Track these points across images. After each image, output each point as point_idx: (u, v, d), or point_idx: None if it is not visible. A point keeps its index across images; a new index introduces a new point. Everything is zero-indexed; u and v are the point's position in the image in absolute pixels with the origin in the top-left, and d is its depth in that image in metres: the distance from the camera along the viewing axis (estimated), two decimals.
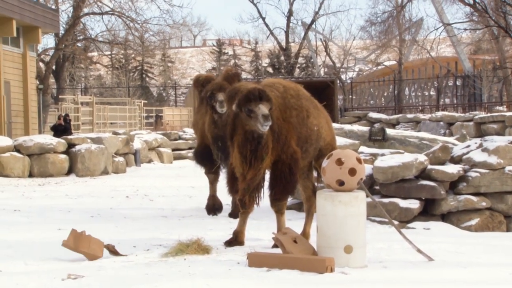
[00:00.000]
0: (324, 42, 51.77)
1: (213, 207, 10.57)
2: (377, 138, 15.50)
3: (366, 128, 16.44)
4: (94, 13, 37.64)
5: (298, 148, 7.48)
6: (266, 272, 6.03)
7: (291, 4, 54.92)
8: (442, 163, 10.00)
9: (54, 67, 38.08)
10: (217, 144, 10.08)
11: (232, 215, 10.13)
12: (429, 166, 9.67)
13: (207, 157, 10.49)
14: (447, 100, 44.49)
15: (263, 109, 6.97)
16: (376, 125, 16.28)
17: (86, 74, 63.49)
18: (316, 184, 8.28)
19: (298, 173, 7.53)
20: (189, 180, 16.64)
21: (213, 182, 10.75)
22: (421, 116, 31.77)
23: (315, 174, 8.28)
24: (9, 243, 7.81)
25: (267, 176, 7.55)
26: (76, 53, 42.70)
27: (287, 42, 57.00)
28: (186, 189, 14.79)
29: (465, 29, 38.08)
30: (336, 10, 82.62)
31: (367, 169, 9.44)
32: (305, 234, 7.78)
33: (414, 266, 6.37)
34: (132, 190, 14.73)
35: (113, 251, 7.01)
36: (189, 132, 27.81)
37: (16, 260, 6.76)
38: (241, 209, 7.69)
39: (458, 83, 43.34)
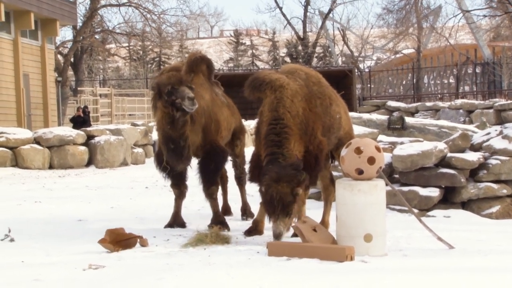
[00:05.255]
0: (341, 31, 51.54)
1: (172, 226, 8.66)
2: (396, 127, 15.48)
3: (385, 117, 16.42)
4: (111, 5, 37.79)
5: (323, 138, 7.40)
6: (286, 261, 6.03)
7: None
8: (462, 151, 9.94)
9: (72, 60, 38.24)
10: (168, 146, 8.22)
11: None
12: (449, 154, 9.63)
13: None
14: (467, 88, 44.16)
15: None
16: (395, 114, 16.25)
17: (104, 66, 63.70)
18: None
19: (322, 164, 7.46)
20: None
21: (178, 198, 8.76)
22: (440, 104, 31.58)
23: None
24: (30, 235, 7.86)
25: None
26: (94, 45, 42.86)
27: (305, 31, 56.76)
28: None
29: (484, 16, 37.75)
30: None
31: (386, 157, 9.41)
32: (324, 223, 7.78)
33: (434, 254, 6.34)
34: (151, 181, 14.76)
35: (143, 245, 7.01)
36: None
37: (37, 251, 6.81)
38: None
39: (477, 70, 43.01)
